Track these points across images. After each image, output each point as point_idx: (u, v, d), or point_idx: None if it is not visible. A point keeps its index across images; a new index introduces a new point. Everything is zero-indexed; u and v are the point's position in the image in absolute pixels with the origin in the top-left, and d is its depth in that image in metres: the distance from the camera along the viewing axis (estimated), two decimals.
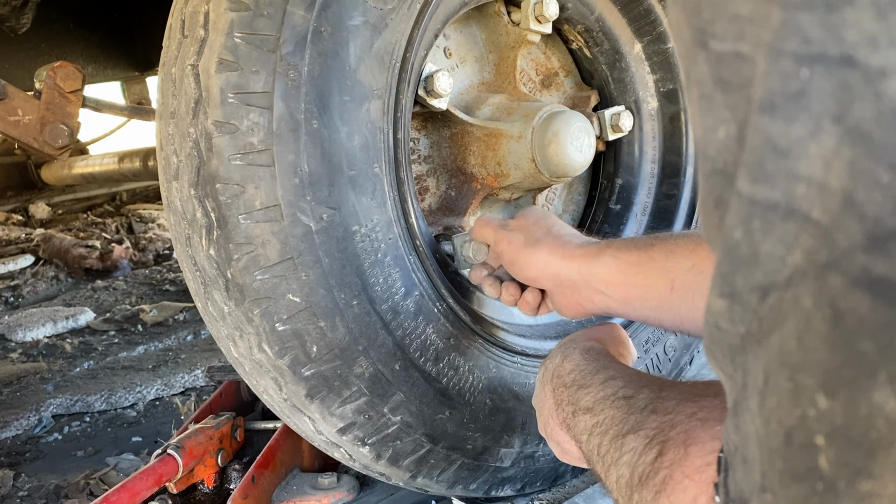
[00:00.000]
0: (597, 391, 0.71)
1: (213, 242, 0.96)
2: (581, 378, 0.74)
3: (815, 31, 0.27)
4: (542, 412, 0.83)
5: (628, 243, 0.92)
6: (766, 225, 0.30)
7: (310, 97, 0.93)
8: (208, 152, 0.93)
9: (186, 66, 0.95)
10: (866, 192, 0.26)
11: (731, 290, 0.33)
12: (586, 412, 0.70)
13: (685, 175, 1.45)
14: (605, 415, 0.67)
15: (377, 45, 0.99)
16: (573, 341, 0.86)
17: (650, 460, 0.58)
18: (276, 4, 0.92)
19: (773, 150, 0.29)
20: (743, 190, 0.31)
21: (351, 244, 0.98)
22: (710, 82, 0.33)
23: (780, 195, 0.29)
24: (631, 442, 0.61)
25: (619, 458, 0.62)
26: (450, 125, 1.31)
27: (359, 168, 0.98)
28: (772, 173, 0.30)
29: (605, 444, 0.65)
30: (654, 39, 1.41)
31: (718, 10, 0.31)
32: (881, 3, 0.26)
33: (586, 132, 1.24)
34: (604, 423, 0.67)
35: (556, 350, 0.86)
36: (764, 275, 0.31)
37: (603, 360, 0.76)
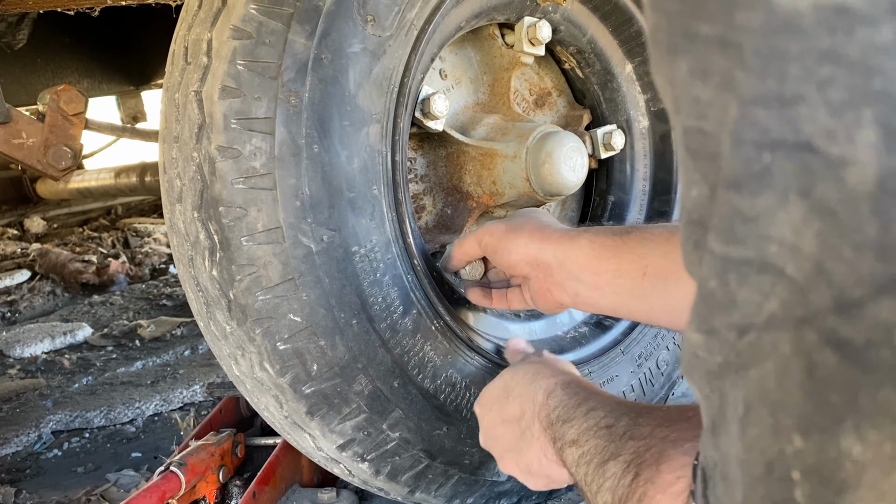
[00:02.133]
0: (580, 423, 0.74)
1: (215, 264, 0.98)
2: (565, 413, 0.77)
3: (773, 123, 0.29)
4: (531, 449, 0.83)
5: (605, 230, 0.94)
6: (741, 277, 0.32)
7: (311, 122, 0.96)
8: (212, 176, 0.95)
9: (190, 91, 0.97)
10: (833, 263, 0.28)
11: (709, 328, 0.35)
12: (572, 444, 0.73)
13: (676, 192, 1.48)
14: (588, 445, 0.71)
15: (376, 72, 1.01)
16: (549, 376, 0.84)
17: (627, 482, 0.62)
18: (278, 33, 0.94)
19: (741, 218, 0.31)
20: (715, 249, 0.33)
21: (350, 264, 1.00)
22: (682, 148, 0.35)
23: (752, 253, 0.31)
24: (611, 468, 0.65)
25: (602, 484, 0.65)
26: (446, 145, 1.33)
27: (358, 190, 1.01)
28: (742, 236, 0.32)
29: (590, 473, 0.68)
30: (644, 60, 1.44)
31: (683, 90, 0.33)
32: (834, 102, 0.27)
33: (579, 152, 1.27)
34: (588, 453, 0.70)
35: (531, 383, 0.85)
36: (741, 316, 0.33)
37: (583, 393, 0.78)
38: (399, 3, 1.02)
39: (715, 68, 0.31)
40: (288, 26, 0.95)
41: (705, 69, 0.31)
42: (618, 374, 1.36)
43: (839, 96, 0.27)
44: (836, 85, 0.27)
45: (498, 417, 0.89)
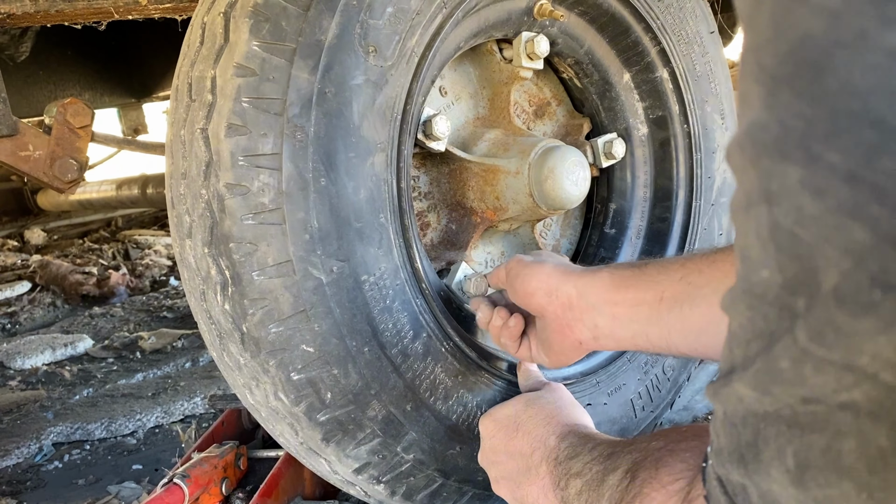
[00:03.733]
0: (585, 457, 0.80)
1: (227, 298, 1.00)
2: (573, 451, 0.83)
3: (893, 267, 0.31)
4: (532, 486, 0.89)
5: (625, 264, 0.98)
6: (817, 367, 0.35)
7: (317, 156, 0.97)
8: (221, 213, 0.97)
9: (196, 129, 0.98)
10: None
11: (765, 391, 0.38)
12: (576, 476, 0.79)
13: (677, 198, 1.50)
14: (591, 472, 0.77)
15: (379, 101, 1.02)
16: (563, 423, 0.91)
17: (624, 486, 0.67)
18: (281, 69, 0.95)
19: (835, 328, 0.33)
20: (799, 339, 0.35)
21: (360, 293, 1.02)
22: (758, 227, 0.37)
23: (838, 357, 0.34)
24: (610, 479, 0.71)
25: (601, 497, 0.71)
26: (448, 162, 1.34)
27: (365, 220, 1.02)
28: (832, 343, 0.34)
29: (592, 494, 0.74)
30: (642, 69, 1.45)
31: (785, 190, 0.34)
32: None
33: (581, 166, 1.29)
34: (590, 479, 0.76)
35: (545, 426, 0.92)
36: (810, 391, 0.36)
37: (592, 436, 0.86)
38: (399, 33, 1.03)
39: (835, 193, 0.32)
40: (291, 62, 0.95)
41: (822, 189, 0.32)
42: (625, 383, 1.38)
43: None
44: None
45: (503, 446, 0.95)
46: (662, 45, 1.41)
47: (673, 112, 1.47)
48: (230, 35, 0.97)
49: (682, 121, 1.47)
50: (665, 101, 1.46)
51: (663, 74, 1.44)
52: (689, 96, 1.46)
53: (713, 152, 1.51)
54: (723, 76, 1.51)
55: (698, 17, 1.45)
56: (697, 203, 1.49)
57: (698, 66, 1.46)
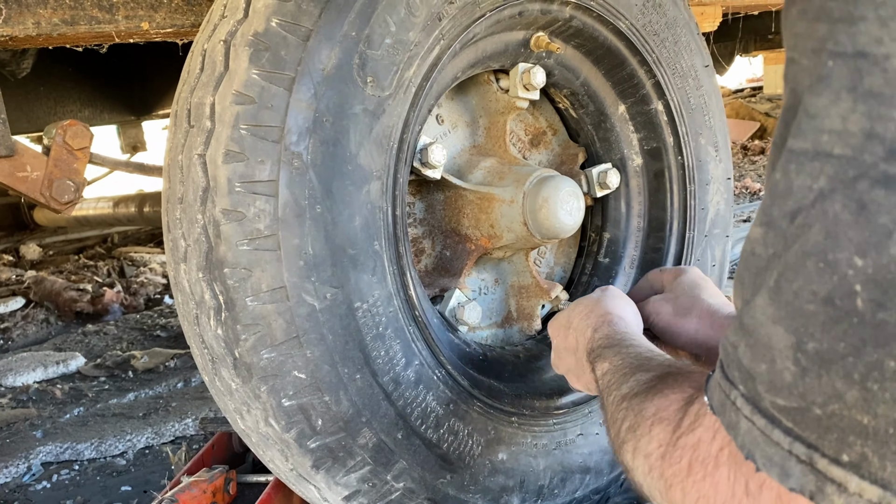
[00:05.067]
0: (615, 350, 0.86)
1: (221, 323, 1.00)
2: (605, 340, 0.89)
3: (842, 37, 0.40)
4: (585, 374, 0.92)
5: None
6: (799, 166, 0.42)
7: (313, 184, 0.98)
8: (216, 238, 0.97)
9: (194, 155, 0.99)
10: (882, 126, 0.39)
11: (768, 219, 0.45)
12: (605, 360, 0.85)
13: (671, 229, 1.51)
14: (618, 362, 0.82)
15: (376, 130, 1.03)
16: (599, 314, 0.94)
17: (647, 379, 0.73)
18: (280, 97, 0.96)
19: (806, 115, 0.42)
20: (788, 145, 0.43)
21: (353, 320, 1.02)
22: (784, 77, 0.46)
23: (809, 145, 0.42)
24: (639, 376, 0.76)
25: (624, 382, 0.76)
26: (444, 189, 1.35)
27: (360, 247, 1.02)
28: (805, 130, 0.42)
29: (615, 376, 0.79)
30: (637, 101, 1.47)
31: (790, 30, 0.44)
32: (883, 17, 0.39)
33: (575, 196, 1.30)
34: (619, 366, 0.81)
35: (585, 319, 0.95)
36: (795, 202, 0.42)
37: (624, 333, 0.90)
38: (397, 63, 1.05)
39: (813, 6, 0.42)
40: (290, 90, 0.97)
41: (805, 9, 0.42)
42: None
43: (887, 13, 0.39)
44: (886, 5, 0.39)
45: (561, 344, 1.01)
46: (657, 77, 1.43)
47: (667, 144, 1.48)
48: (230, 63, 0.98)
49: (677, 152, 1.49)
50: (660, 133, 1.48)
51: (658, 107, 1.46)
52: (684, 128, 1.48)
53: (707, 184, 1.52)
54: (717, 109, 1.53)
55: (693, 51, 1.47)
56: (691, 234, 1.51)
57: (693, 98, 1.48)
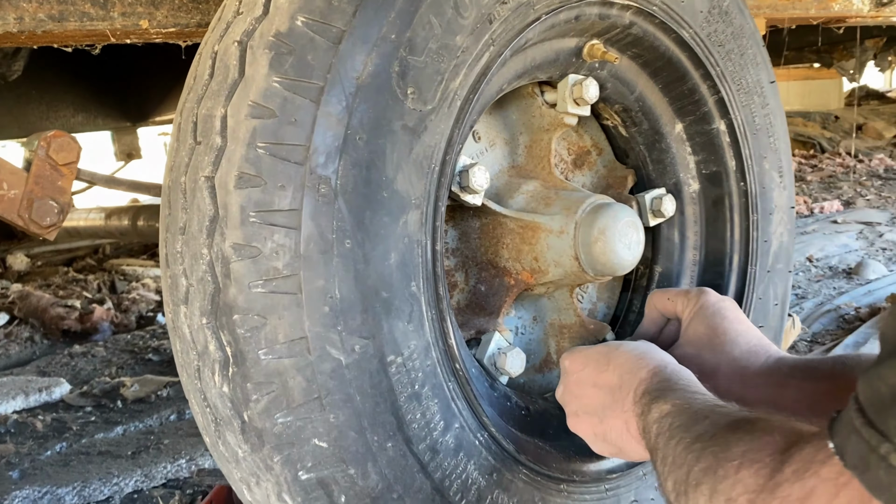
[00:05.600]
0: (680, 392, 0.77)
1: (227, 379, 0.83)
2: (665, 384, 0.80)
3: None
4: (615, 419, 0.85)
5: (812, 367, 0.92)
6: None
7: (343, 214, 0.81)
8: (225, 279, 0.81)
9: (200, 177, 0.82)
10: None
11: None
12: (665, 402, 0.76)
13: (730, 263, 1.35)
14: (684, 400, 0.75)
15: (416, 151, 0.87)
16: (658, 360, 0.85)
17: (727, 423, 0.65)
18: (306, 110, 0.80)
19: None
20: None
21: (385, 377, 0.85)
22: None
23: None
24: (711, 418, 0.68)
25: (693, 424, 0.68)
26: (480, 216, 1.19)
27: (395, 290, 0.86)
28: None
29: (680, 418, 0.72)
30: (697, 119, 1.31)
31: None
32: None
33: (635, 227, 1.14)
34: (682, 407, 0.74)
35: (638, 360, 0.86)
36: None
37: (693, 381, 0.81)
38: (442, 72, 0.89)
39: None
40: (317, 103, 0.80)
41: None
42: None
43: None
44: None
45: (590, 379, 0.90)
46: (721, 94, 1.27)
47: (729, 168, 1.32)
48: (246, 68, 0.82)
49: (739, 178, 1.33)
50: (721, 156, 1.32)
51: (720, 126, 1.30)
52: (747, 151, 1.32)
53: (770, 213, 1.36)
54: (782, 130, 1.38)
55: (759, 66, 1.32)
56: (753, 269, 1.34)
57: (758, 118, 1.33)
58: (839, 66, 5.84)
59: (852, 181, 5.48)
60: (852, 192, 5.15)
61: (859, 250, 3.58)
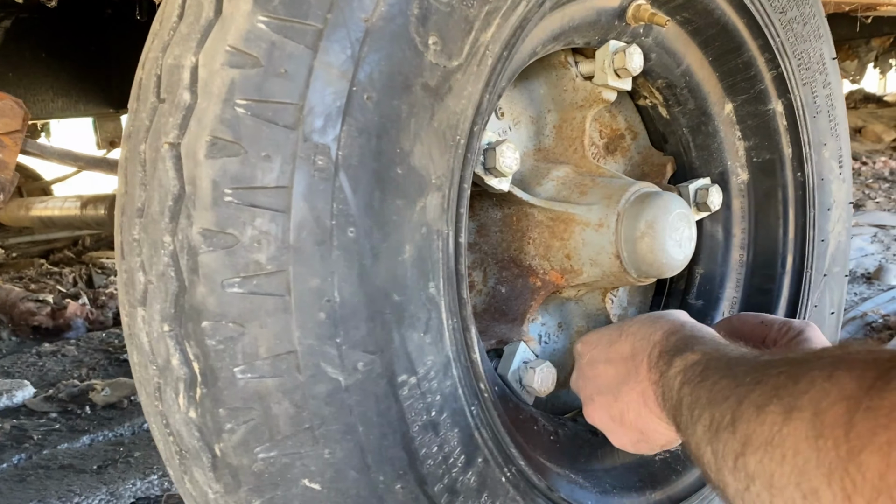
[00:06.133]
0: (704, 344, 0.68)
1: (194, 403, 0.65)
2: (683, 341, 0.70)
3: None
4: (631, 392, 0.76)
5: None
6: None
7: (345, 195, 0.64)
8: (192, 275, 0.63)
9: (162, 144, 0.64)
10: None
11: None
12: (687, 356, 0.66)
13: (784, 265, 1.18)
14: (711, 351, 0.65)
15: (439, 117, 0.69)
16: (676, 320, 0.76)
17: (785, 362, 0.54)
18: (299, 59, 0.62)
19: None
20: None
21: (395, 402, 0.68)
22: None
23: None
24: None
25: (731, 368, 0.59)
26: (502, 205, 1.02)
27: (409, 292, 0.68)
28: None
29: (712, 366, 0.62)
30: (750, 99, 1.13)
31: None
32: None
33: (688, 221, 0.97)
34: (706, 363, 0.63)
35: (652, 325, 0.77)
36: None
37: (711, 334, 0.72)
38: (471, 21, 0.71)
39: None
40: (315, 50, 0.63)
41: None
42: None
43: None
44: None
45: (602, 355, 0.82)
46: (781, 69, 1.10)
47: (785, 155, 1.15)
48: (224, 4, 0.64)
49: (796, 167, 1.16)
50: (776, 142, 1.15)
51: (777, 107, 1.13)
52: (806, 137, 1.15)
53: (829, 209, 1.19)
54: (842, 114, 1.21)
55: (822, 38, 1.15)
56: (809, 272, 1.17)
57: (818, 99, 1.16)
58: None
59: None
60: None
61: (876, 254, 3.43)
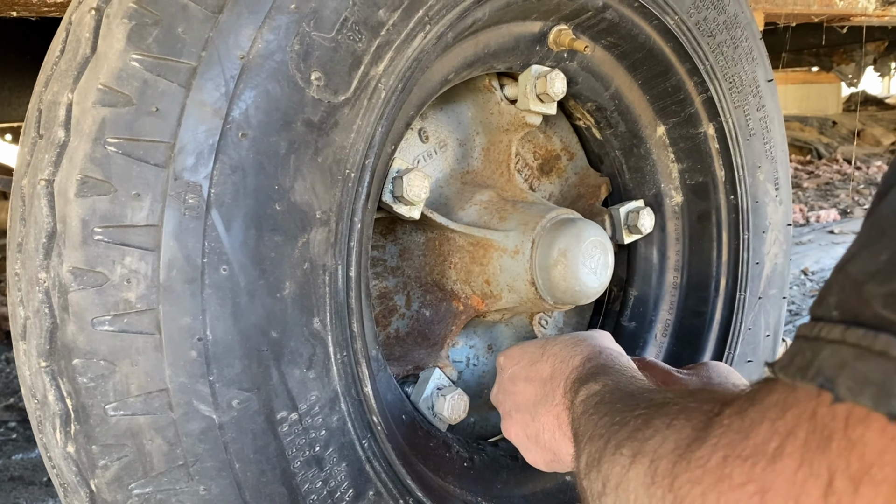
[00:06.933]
0: (613, 375, 0.70)
1: (70, 438, 0.65)
2: (599, 368, 0.72)
3: None
4: (547, 415, 0.76)
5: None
6: None
7: (217, 232, 0.64)
8: (63, 312, 0.63)
9: (39, 181, 0.65)
10: None
11: None
12: (595, 384, 0.69)
13: (717, 287, 1.17)
14: (615, 380, 0.68)
15: (324, 153, 0.69)
16: (595, 346, 0.77)
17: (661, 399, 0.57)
18: (172, 97, 0.62)
19: None
20: None
21: (274, 439, 0.68)
22: None
23: None
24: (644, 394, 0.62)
25: (619, 401, 0.62)
26: (425, 229, 1.02)
27: (289, 328, 0.68)
28: None
29: (611, 395, 0.65)
30: (681, 122, 1.13)
31: None
32: None
33: (603, 249, 0.96)
34: (612, 388, 0.66)
35: (572, 348, 0.78)
36: None
37: (631, 367, 0.73)
38: (359, 54, 0.71)
39: None
40: (188, 87, 0.63)
41: None
42: None
43: None
44: None
45: (523, 373, 0.82)
46: (710, 92, 1.10)
47: (717, 178, 1.15)
48: (99, 41, 0.64)
49: (729, 190, 1.15)
50: (708, 165, 1.15)
51: (709, 130, 1.13)
52: (739, 160, 1.14)
53: (764, 231, 1.19)
54: (779, 136, 1.20)
55: (755, 60, 1.14)
56: (742, 295, 1.17)
57: (752, 122, 1.15)
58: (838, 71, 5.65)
59: (850, 189, 5.32)
60: (850, 200, 4.99)
61: None
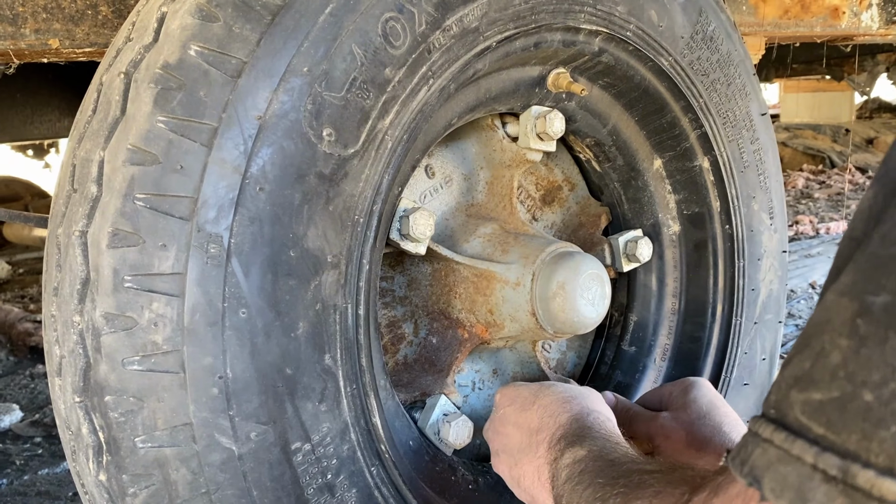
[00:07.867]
0: (596, 441, 0.74)
1: (102, 468, 0.71)
2: (584, 431, 0.76)
3: None
4: (529, 464, 0.81)
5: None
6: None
7: (237, 279, 0.69)
8: (96, 353, 0.69)
9: (74, 231, 0.71)
10: None
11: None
12: (578, 449, 0.73)
13: (713, 313, 1.22)
14: (597, 448, 0.72)
15: (335, 202, 0.75)
16: (584, 405, 0.81)
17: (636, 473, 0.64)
18: (195, 155, 0.68)
19: None
20: None
21: (289, 468, 0.73)
22: None
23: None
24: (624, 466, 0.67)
25: (601, 471, 0.68)
26: (431, 261, 1.07)
27: (303, 365, 0.74)
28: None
29: (593, 464, 0.70)
30: (678, 156, 1.18)
31: None
32: None
33: (600, 281, 1.01)
34: (594, 456, 0.71)
35: (563, 403, 0.82)
36: None
37: (614, 433, 0.77)
38: (367, 111, 0.76)
39: None
40: (209, 147, 0.68)
41: None
42: None
43: None
44: None
45: (513, 418, 0.87)
46: (705, 128, 1.14)
47: (713, 209, 1.20)
48: (128, 104, 0.70)
49: (724, 220, 1.20)
50: (704, 196, 1.19)
51: (703, 163, 1.17)
52: (734, 191, 1.19)
53: (759, 259, 1.23)
54: (773, 167, 1.25)
55: (748, 96, 1.19)
56: (738, 320, 1.21)
57: (746, 154, 1.20)
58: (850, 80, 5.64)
59: (857, 198, 5.32)
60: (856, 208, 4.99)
61: None
